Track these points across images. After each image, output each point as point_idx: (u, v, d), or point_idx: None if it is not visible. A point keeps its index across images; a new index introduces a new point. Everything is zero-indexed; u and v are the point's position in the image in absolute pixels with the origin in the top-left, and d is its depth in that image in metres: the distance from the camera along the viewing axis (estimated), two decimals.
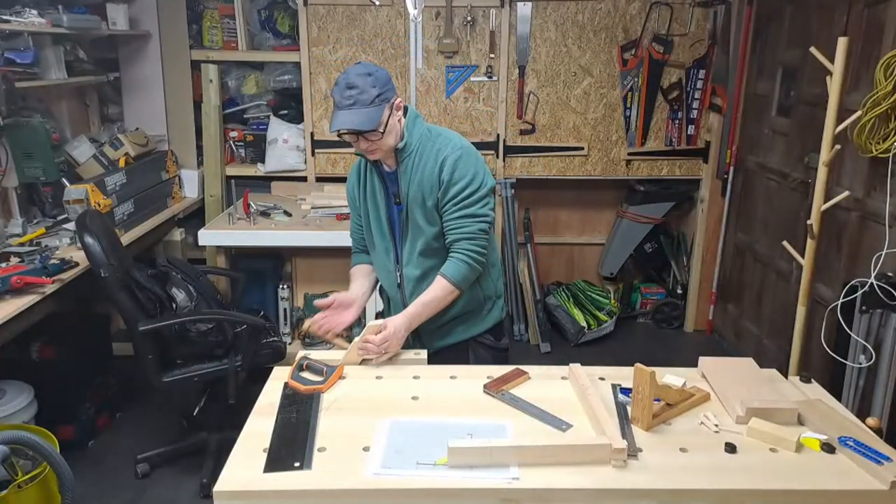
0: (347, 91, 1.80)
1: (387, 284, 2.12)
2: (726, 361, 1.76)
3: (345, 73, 1.83)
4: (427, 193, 1.93)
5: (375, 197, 2.02)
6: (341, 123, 1.81)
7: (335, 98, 1.82)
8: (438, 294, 1.92)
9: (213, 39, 3.86)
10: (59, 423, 2.77)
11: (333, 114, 1.84)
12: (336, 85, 1.83)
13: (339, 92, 1.81)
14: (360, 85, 1.79)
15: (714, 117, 3.92)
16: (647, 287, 4.39)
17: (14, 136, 2.86)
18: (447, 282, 1.92)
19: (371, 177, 2.02)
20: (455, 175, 1.90)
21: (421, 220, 1.96)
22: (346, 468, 1.33)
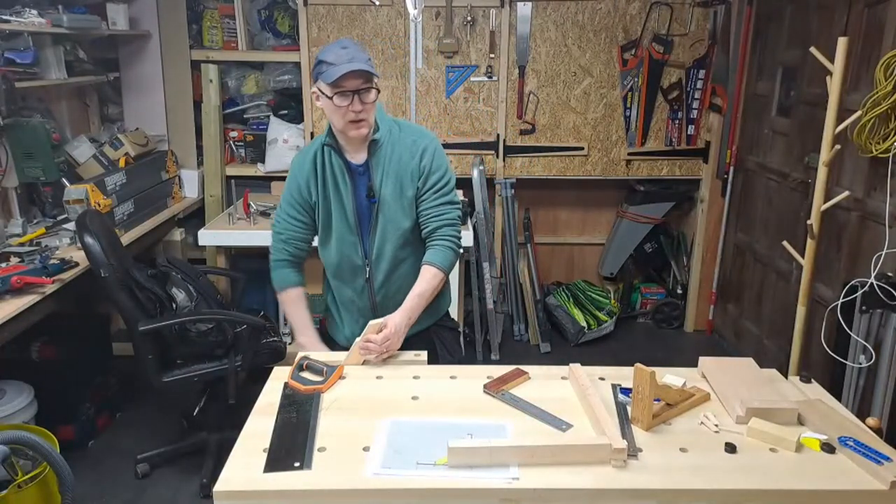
0: (343, 50, 1.79)
1: (349, 281, 2.04)
2: (726, 361, 1.76)
3: (332, 43, 1.85)
4: (406, 184, 1.94)
5: (340, 191, 1.95)
6: (346, 68, 1.76)
7: (328, 59, 1.79)
8: (432, 283, 1.95)
9: (213, 39, 3.86)
10: (59, 423, 2.77)
11: (330, 70, 1.78)
12: (325, 51, 1.82)
13: (332, 52, 1.80)
14: (352, 46, 1.82)
15: (714, 117, 3.92)
16: (647, 287, 4.39)
17: (14, 136, 2.86)
18: (437, 269, 1.95)
19: (332, 170, 1.95)
20: (434, 164, 1.96)
21: (396, 214, 1.95)
22: (346, 468, 1.33)
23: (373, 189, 1.95)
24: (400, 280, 2.03)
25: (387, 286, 2.03)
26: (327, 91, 1.82)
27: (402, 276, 2.03)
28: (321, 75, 1.81)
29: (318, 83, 1.85)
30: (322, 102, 1.87)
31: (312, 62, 3.73)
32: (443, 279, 1.98)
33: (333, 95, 1.81)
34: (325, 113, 1.89)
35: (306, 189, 1.98)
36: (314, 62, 1.86)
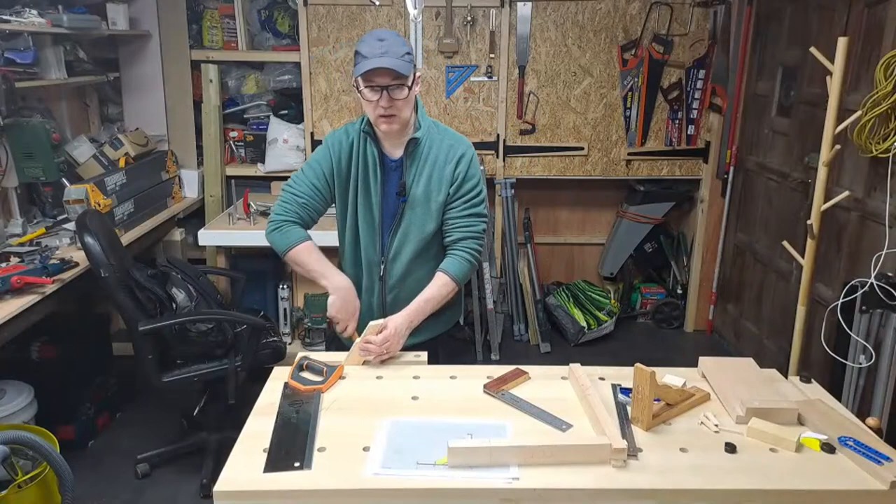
0: (378, 42, 1.76)
1: (362, 274, 2.01)
2: (726, 361, 1.76)
3: (370, 33, 1.82)
4: (436, 189, 1.92)
5: (369, 182, 1.92)
6: (374, 63, 1.74)
7: (363, 50, 1.77)
8: (442, 291, 1.92)
9: (213, 39, 3.86)
10: (59, 423, 2.77)
11: (362, 63, 1.76)
12: (362, 41, 1.79)
13: (367, 43, 1.77)
14: (390, 38, 1.78)
15: (714, 117, 3.92)
16: (647, 287, 4.39)
17: (14, 136, 2.86)
18: (449, 279, 1.92)
19: (366, 159, 1.92)
20: (469, 172, 1.94)
21: (423, 216, 1.93)
22: (346, 468, 1.33)
23: (405, 187, 1.91)
24: (414, 284, 1.98)
25: (399, 287, 2.00)
26: (360, 83, 1.81)
27: (416, 280, 1.98)
28: (355, 67, 1.79)
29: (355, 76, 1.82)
30: (358, 95, 1.87)
31: (312, 62, 3.76)
32: (454, 289, 1.94)
33: (364, 89, 1.80)
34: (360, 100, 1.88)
35: (339, 166, 1.93)
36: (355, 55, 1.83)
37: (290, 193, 1.96)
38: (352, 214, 1.97)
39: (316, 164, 1.96)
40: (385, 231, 1.96)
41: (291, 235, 1.94)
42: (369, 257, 1.99)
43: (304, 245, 1.93)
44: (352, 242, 2.01)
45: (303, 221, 1.97)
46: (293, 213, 1.95)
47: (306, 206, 1.96)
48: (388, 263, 1.99)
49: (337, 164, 1.94)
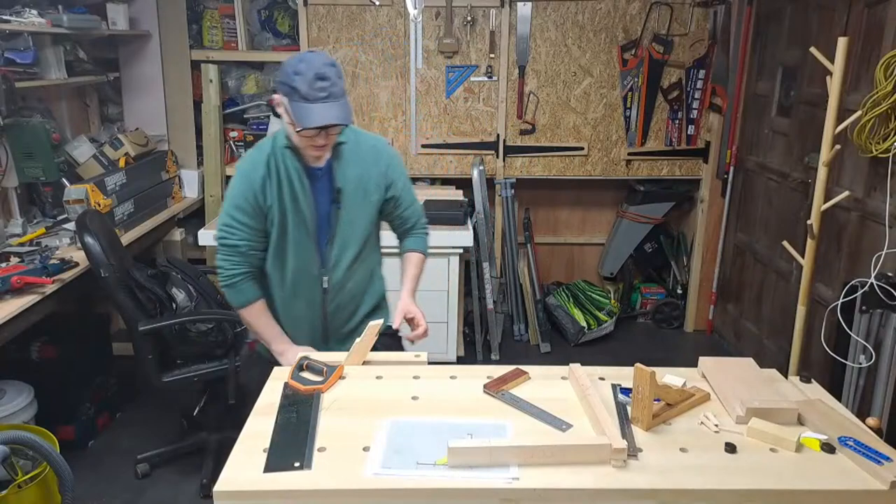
0: (319, 83, 1.67)
1: (303, 293, 1.96)
2: (726, 361, 1.75)
3: (305, 62, 1.68)
4: (371, 188, 1.93)
5: (297, 196, 1.85)
6: (325, 118, 1.68)
7: (301, 90, 1.66)
8: (420, 266, 2.06)
9: (213, 39, 3.86)
10: (59, 423, 2.77)
11: (301, 107, 1.67)
12: (298, 74, 1.66)
13: (306, 83, 1.66)
14: (330, 76, 1.69)
15: (714, 117, 3.92)
16: (647, 287, 4.39)
17: (14, 136, 2.86)
18: (421, 254, 2.06)
19: (289, 174, 1.84)
20: (399, 168, 2.01)
21: (359, 218, 1.93)
22: (346, 468, 1.33)
23: (339, 192, 1.88)
24: (354, 288, 2.00)
25: (340, 295, 1.98)
26: (293, 121, 1.72)
27: (355, 284, 2.00)
28: (292, 104, 1.69)
29: (286, 103, 1.72)
30: (286, 118, 1.76)
31: None
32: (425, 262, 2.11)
33: (299, 130, 1.72)
34: (287, 127, 1.80)
35: (262, 194, 1.83)
36: (283, 72, 1.71)
37: (227, 246, 1.88)
38: (279, 236, 1.89)
39: (239, 202, 1.84)
40: (322, 242, 1.92)
41: (245, 293, 1.92)
42: (310, 272, 1.93)
43: (253, 307, 1.93)
44: (294, 261, 1.92)
45: (253, 269, 1.92)
46: (240, 264, 1.89)
47: (248, 252, 1.89)
48: (330, 273, 1.94)
49: (261, 191, 1.84)
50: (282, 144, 1.84)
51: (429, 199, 3.60)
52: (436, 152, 3.93)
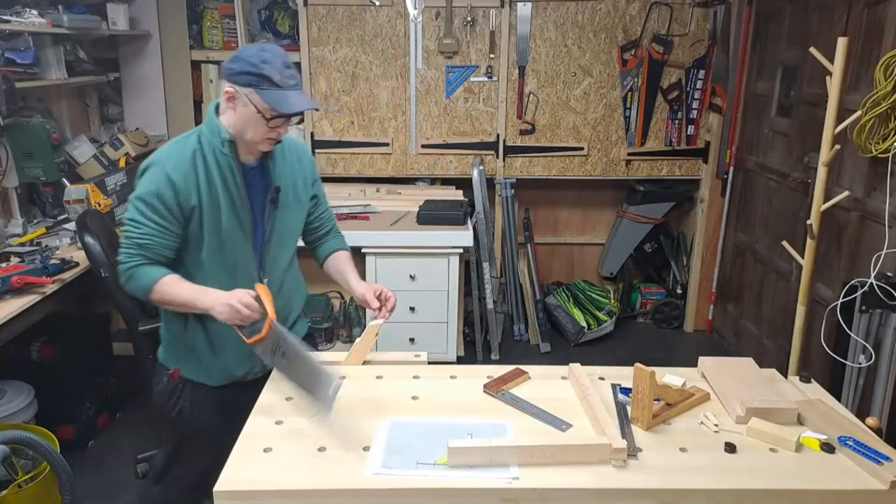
0: (287, 70, 1.67)
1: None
2: (726, 361, 1.76)
3: (269, 51, 1.66)
4: (301, 187, 1.89)
5: (231, 195, 1.74)
6: (302, 104, 1.70)
7: (274, 77, 1.64)
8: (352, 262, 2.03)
9: (213, 39, 3.86)
10: (59, 423, 2.77)
11: (277, 94, 1.65)
12: (266, 63, 1.64)
13: (277, 70, 1.64)
14: (292, 66, 1.70)
15: (714, 117, 3.93)
16: (647, 287, 4.39)
17: (14, 136, 2.86)
18: (348, 252, 2.04)
19: (221, 172, 1.73)
20: (315, 165, 1.98)
21: (294, 219, 1.90)
22: (346, 468, 1.33)
23: (277, 191, 1.81)
24: (287, 290, 1.93)
25: (277, 298, 1.79)
26: (265, 110, 1.66)
27: (288, 287, 1.94)
28: (262, 92, 1.64)
29: (250, 92, 1.65)
30: (245, 110, 1.67)
31: (313, 62, 3.76)
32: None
33: (272, 118, 1.67)
34: (239, 120, 1.69)
35: (184, 194, 1.69)
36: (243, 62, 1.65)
37: (134, 243, 1.70)
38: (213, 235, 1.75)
39: (156, 201, 1.68)
40: (258, 243, 1.82)
41: (147, 275, 1.70)
42: (250, 276, 1.80)
43: (165, 280, 1.70)
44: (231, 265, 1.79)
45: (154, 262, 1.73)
46: (143, 257, 1.71)
47: (157, 250, 1.72)
48: (268, 275, 1.85)
49: (185, 190, 1.69)
50: (215, 140, 1.72)
51: (429, 199, 3.60)
52: (436, 152, 3.93)
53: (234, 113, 1.69)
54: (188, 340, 1.85)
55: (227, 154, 1.72)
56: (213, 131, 1.72)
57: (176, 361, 1.90)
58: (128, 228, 1.71)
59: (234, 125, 1.71)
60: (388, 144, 3.90)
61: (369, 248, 3.29)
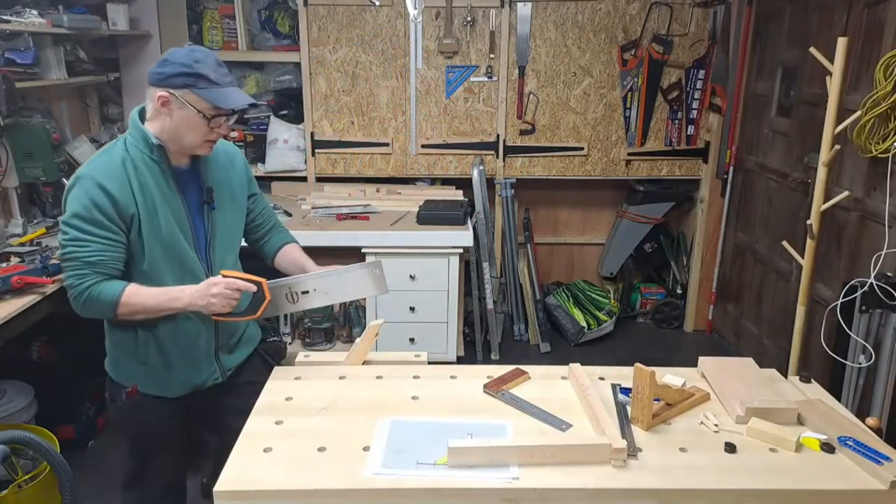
0: (220, 69, 1.65)
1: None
2: (726, 361, 1.76)
3: (197, 52, 1.64)
4: (237, 188, 1.86)
5: (168, 200, 1.69)
6: (243, 100, 1.67)
7: (210, 75, 1.61)
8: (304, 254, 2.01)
9: (213, 39, 3.86)
10: (59, 423, 2.77)
11: (216, 92, 1.63)
12: (199, 63, 1.62)
13: (212, 69, 1.62)
14: (224, 65, 1.68)
15: (714, 117, 3.93)
16: (647, 287, 4.39)
17: (14, 136, 2.86)
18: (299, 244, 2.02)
19: (154, 176, 1.67)
20: (250, 169, 1.96)
21: (234, 221, 1.86)
22: (346, 468, 1.33)
23: (210, 191, 1.77)
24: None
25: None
26: (205, 109, 1.62)
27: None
28: (200, 91, 1.61)
29: (185, 93, 1.61)
30: (182, 114, 1.63)
31: (313, 62, 3.76)
32: None
33: (212, 116, 1.64)
34: (176, 124, 1.64)
35: (122, 202, 1.62)
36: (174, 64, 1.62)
37: (83, 262, 1.62)
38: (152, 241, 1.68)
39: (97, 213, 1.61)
40: (201, 247, 1.77)
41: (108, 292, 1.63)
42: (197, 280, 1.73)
43: (128, 291, 1.64)
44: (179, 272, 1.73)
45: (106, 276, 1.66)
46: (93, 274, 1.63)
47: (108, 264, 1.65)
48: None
49: (122, 198, 1.63)
50: (143, 146, 1.66)
51: (429, 199, 3.60)
52: (436, 152, 3.93)
53: (170, 118, 1.64)
54: (140, 356, 1.78)
55: (157, 160, 1.67)
56: (138, 138, 1.66)
57: (131, 378, 1.82)
58: (70, 250, 1.62)
59: (168, 130, 1.66)
60: (388, 144, 3.90)
61: (369, 248, 3.29)
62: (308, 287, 1.72)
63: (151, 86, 1.64)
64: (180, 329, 1.76)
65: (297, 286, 1.73)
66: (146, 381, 1.81)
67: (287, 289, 1.74)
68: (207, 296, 1.64)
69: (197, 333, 1.78)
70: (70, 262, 1.63)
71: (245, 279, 1.68)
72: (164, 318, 1.72)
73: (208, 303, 1.65)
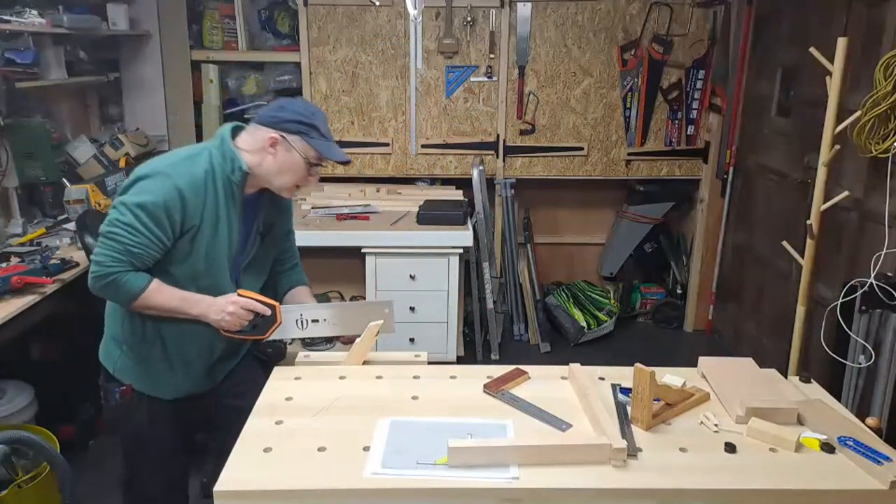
0: (327, 126, 1.79)
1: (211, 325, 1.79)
2: (726, 361, 1.76)
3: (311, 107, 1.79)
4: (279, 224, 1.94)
5: (231, 224, 1.75)
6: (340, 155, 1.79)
7: (321, 128, 1.75)
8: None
9: (213, 40, 3.86)
10: (59, 423, 2.76)
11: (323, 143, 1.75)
12: (314, 115, 1.76)
13: (323, 123, 1.77)
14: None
15: (714, 117, 3.93)
16: (647, 287, 4.39)
17: (14, 136, 2.86)
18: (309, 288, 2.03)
19: (227, 200, 1.73)
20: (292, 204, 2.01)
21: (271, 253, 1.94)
22: (346, 468, 1.33)
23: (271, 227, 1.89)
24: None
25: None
26: (310, 156, 1.73)
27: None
28: (310, 140, 1.72)
29: (297, 139, 1.71)
30: (287, 156, 1.72)
31: (313, 62, 3.76)
32: None
33: (313, 165, 1.75)
34: (277, 165, 1.73)
35: (189, 212, 1.67)
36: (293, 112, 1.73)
37: (124, 248, 1.64)
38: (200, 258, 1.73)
39: (161, 212, 1.64)
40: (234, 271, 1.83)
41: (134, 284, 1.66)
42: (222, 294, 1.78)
43: (152, 287, 1.68)
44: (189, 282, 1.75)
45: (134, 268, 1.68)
46: (129, 264, 1.65)
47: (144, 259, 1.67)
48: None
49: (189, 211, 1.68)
50: (228, 168, 1.71)
51: (429, 199, 3.60)
52: (436, 152, 3.93)
53: (273, 158, 1.73)
54: (143, 353, 1.79)
55: (237, 184, 1.73)
56: (227, 158, 1.72)
57: (127, 374, 1.81)
58: (118, 232, 1.64)
59: (266, 167, 1.74)
60: (388, 144, 3.91)
61: (369, 248, 3.29)
62: (319, 316, 1.81)
63: (262, 125, 1.74)
64: (190, 333, 1.77)
65: (309, 314, 1.82)
66: (143, 379, 1.81)
67: (299, 314, 1.82)
68: (223, 312, 1.71)
69: (206, 340, 1.80)
70: (111, 241, 1.65)
71: (261, 301, 1.75)
72: (174, 320, 1.73)
73: (221, 318, 1.71)
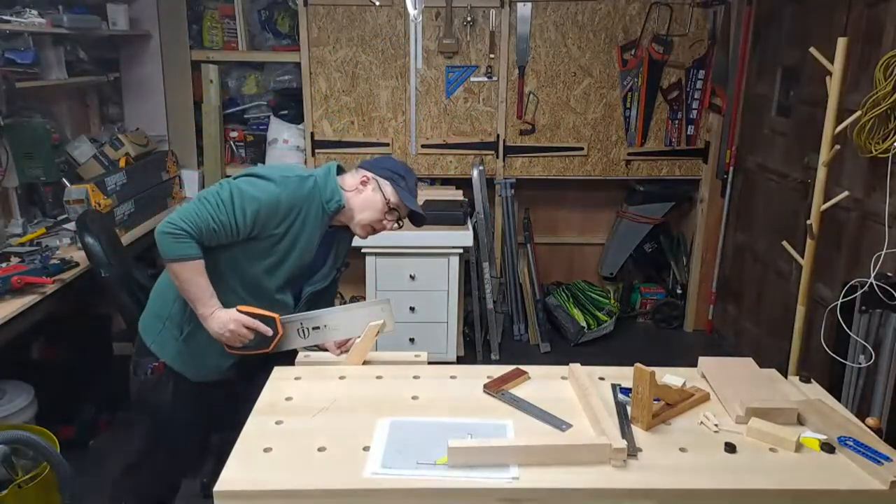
0: (415, 186, 2.00)
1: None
2: (726, 361, 1.76)
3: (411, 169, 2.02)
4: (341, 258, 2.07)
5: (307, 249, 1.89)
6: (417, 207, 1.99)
7: (410, 183, 1.97)
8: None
9: (213, 40, 3.86)
10: (59, 423, 2.76)
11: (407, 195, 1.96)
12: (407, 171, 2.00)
13: (412, 181, 1.99)
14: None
15: (714, 117, 3.93)
16: (647, 287, 4.39)
17: (14, 136, 2.86)
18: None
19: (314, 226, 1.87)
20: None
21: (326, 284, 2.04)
22: (346, 468, 1.33)
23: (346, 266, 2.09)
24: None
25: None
26: (391, 199, 1.94)
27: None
28: (396, 187, 1.93)
29: (385, 183, 1.93)
30: (372, 195, 1.93)
31: (313, 62, 3.76)
32: None
33: (391, 209, 1.95)
34: (363, 202, 1.94)
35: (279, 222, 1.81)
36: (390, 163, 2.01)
37: (202, 221, 1.74)
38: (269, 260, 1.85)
39: (252, 213, 1.77)
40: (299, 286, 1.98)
41: (185, 248, 1.74)
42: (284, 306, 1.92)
43: (194, 262, 1.75)
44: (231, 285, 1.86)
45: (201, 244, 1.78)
46: (198, 235, 1.75)
47: (213, 235, 1.77)
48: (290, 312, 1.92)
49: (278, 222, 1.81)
50: (327, 198, 1.88)
51: (429, 199, 3.60)
52: (436, 152, 3.93)
53: (360, 195, 1.93)
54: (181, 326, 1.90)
55: (330, 214, 1.89)
56: (330, 190, 1.89)
57: (165, 348, 1.92)
58: (211, 203, 1.75)
59: (353, 202, 1.93)
60: (389, 144, 3.91)
61: (369, 248, 3.29)
62: (319, 323, 1.86)
63: (362, 168, 1.99)
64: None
65: (309, 322, 1.86)
66: (177, 357, 1.91)
67: (299, 324, 1.85)
68: (224, 327, 1.78)
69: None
70: (202, 207, 1.75)
71: (260, 315, 1.79)
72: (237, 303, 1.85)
73: (222, 332, 1.78)
